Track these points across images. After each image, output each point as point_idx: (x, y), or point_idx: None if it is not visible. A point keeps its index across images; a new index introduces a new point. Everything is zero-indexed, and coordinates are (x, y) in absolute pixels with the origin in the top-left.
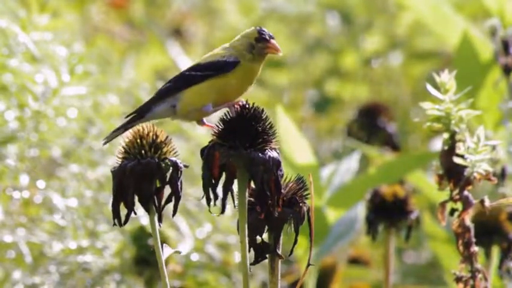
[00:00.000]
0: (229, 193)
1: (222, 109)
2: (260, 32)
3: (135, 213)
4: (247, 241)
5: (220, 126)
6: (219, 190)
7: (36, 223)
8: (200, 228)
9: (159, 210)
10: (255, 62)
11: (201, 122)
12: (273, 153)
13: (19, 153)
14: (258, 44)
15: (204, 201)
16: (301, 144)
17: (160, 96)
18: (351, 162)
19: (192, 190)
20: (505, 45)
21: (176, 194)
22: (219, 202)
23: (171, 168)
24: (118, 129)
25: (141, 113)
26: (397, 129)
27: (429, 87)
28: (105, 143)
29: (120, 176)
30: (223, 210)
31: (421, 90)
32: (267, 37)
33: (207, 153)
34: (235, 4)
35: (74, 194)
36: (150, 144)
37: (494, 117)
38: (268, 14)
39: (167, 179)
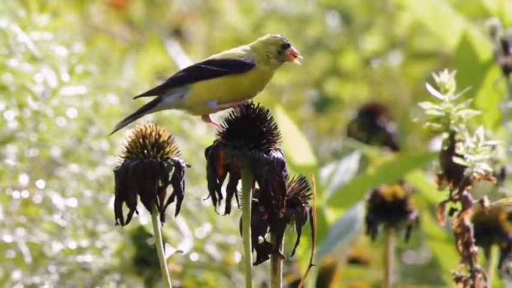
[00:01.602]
0: (233, 193)
1: (227, 108)
2: (285, 40)
3: (137, 213)
4: (250, 241)
5: (224, 126)
6: (224, 190)
7: (36, 223)
8: (200, 228)
9: (161, 210)
10: (274, 68)
11: (206, 119)
12: (277, 154)
13: (19, 153)
14: (285, 51)
15: (204, 201)
16: (301, 144)
17: (172, 84)
18: (351, 162)
19: (193, 190)
20: (505, 45)
21: (179, 194)
22: (222, 202)
23: (173, 167)
24: (127, 118)
25: (152, 103)
26: (397, 129)
27: (429, 87)
28: (113, 132)
29: (122, 176)
30: (227, 211)
31: (420, 90)
32: (291, 45)
33: (211, 153)
34: (235, 4)
35: (74, 194)
36: (153, 144)
37: (493, 117)
38: (268, 14)
39: (169, 179)
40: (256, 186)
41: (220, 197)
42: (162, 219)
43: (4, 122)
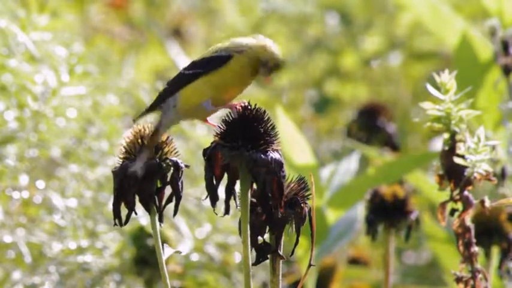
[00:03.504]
0: (232, 194)
1: (224, 109)
2: (270, 61)
3: (136, 214)
4: (249, 242)
5: (222, 127)
6: (222, 191)
7: (35, 223)
8: (200, 229)
9: (160, 211)
10: (248, 71)
11: (204, 119)
12: (275, 155)
13: (19, 153)
14: (260, 68)
15: (203, 201)
16: (301, 145)
17: (161, 98)
18: (351, 163)
19: (192, 190)
20: (505, 45)
21: (177, 194)
22: (220, 203)
23: (172, 168)
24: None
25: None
26: (397, 130)
27: (429, 88)
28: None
29: (120, 176)
30: (226, 212)
31: (421, 90)
32: (269, 69)
33: (209, 154)
34: (235, 4)
35: (74, 194)
36: None
37: (494, 117)
38: (268, 14)
39: (168, 179)
40: (255, 186)
41: (217, 197)
42: (161, 220)
43: (4, 122)
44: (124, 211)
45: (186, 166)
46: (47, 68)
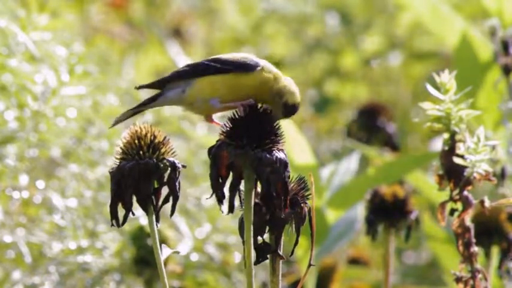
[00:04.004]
0: (236, 193)
1: (230, 108)
2: (294, 107)
3: (133, 214)
4: (252, 241)
5: (228, 126)
6: (226, 190)
7: (35, 223)
8: (200, 228)
9: (157, 211)
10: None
11: (209, 119)
12: (280, 154)
13: (19, 153)
14: (282, 109)
15: (205, 200)
16: (301, 145)
17: (175, 77)
18: (351, 163)
19: (192, 190)
20: (505, 45)
21: (174, 194)
22: (224, 201)
23: (169, 168)
24: (129, 111)
25: (154, 97)
26: (397, 130)
27: (429, 88)
28: (113, 126)
29: (118, 177)
30: (231, 210)
31: (421, 90)
32: (289, 114)
33: (214, 152)
34: (235, 4)
35: (74, 194)
36: (148, 145)
37: (494, 117)
38: (268, 14)
39: (165, 179)
40: (259, 186)
41: (223, 196)
42: (157, 220)
43: (4, 122)
44: (122, 211)
45: (183, 166)
46: (47, 68)
